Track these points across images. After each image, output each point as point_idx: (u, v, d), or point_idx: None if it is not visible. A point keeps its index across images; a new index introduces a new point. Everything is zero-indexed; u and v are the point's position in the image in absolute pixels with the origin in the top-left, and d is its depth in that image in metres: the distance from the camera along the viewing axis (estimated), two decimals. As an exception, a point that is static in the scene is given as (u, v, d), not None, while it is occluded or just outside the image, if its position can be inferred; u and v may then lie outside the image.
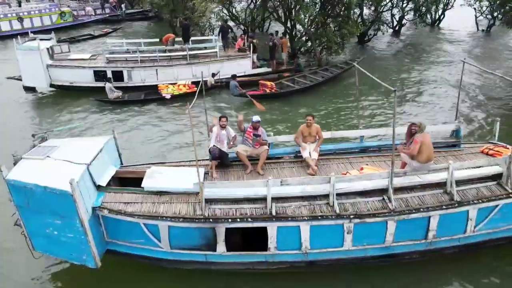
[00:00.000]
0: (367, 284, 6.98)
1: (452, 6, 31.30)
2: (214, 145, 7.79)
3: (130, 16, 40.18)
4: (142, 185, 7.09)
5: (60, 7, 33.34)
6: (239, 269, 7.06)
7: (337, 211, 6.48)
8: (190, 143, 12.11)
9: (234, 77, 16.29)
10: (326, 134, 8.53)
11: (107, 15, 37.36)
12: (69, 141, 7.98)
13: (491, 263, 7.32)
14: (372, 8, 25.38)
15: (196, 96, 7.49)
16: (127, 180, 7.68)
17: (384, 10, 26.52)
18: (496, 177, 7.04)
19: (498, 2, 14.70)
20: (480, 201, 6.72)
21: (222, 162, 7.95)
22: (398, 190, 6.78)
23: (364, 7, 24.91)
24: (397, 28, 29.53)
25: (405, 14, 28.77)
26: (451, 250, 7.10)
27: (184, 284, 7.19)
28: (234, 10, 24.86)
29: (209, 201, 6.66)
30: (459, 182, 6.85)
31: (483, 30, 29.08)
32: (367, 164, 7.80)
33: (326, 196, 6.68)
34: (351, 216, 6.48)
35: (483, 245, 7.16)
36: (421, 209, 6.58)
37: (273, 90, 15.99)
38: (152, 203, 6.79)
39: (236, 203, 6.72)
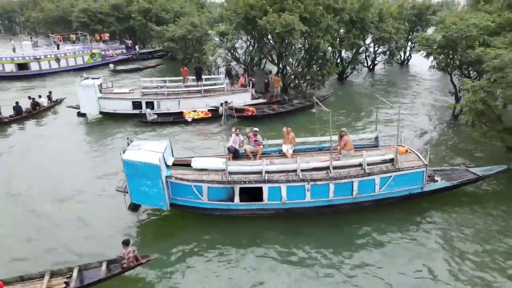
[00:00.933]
0: (320, 223, 12.12)
1: (417, 48, 37.67)
2: (231, 145, 13.19)
3: (143, 56, 46.30)
4: (191, 165, 12.44)
5: (92, 49, 39.51)
6: (246, 214, 12.25)
7: (301, 177, 11.81)
8: (208, 148, 17.54)
9: (226, 103, 21.84)
10: (299, 140, 13.97)
11: (130, 55, 43.39)
12: (145, 142, 13.37)
13: (392, 212, 12.53)
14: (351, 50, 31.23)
15: (223, 119, 12.99)
16: (176, 166, 12.96)
17: (359, 52, 32.53)
18: (391, 161, 12.43)
19: (424, 54, 20.33)
20: (381, 173, 12.08)
21: (235, 155, 13.31)
22: (335, 167, 12.13)
23: (342, 50, 30.91)
24: (371, 67, 35.74)
25: (377, 56, 35.07)
26: (367, 203, 12.36)
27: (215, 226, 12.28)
28: (236, 53, 30.82)
29: (230, 173, 11.97)
30: (370, 164, 12.22)
31: (441, 69, 35.23)
32: (321, 155, 13.19)
33: (295, 170, 12.02)
34: (309, 180, 11.80)
35: (385, 200, 12.44)
36: (347, 177, 11.92)
37: (253, 114, 21.67)
38: (198, 174, 12.12)
39: (245, 174, 12.04)
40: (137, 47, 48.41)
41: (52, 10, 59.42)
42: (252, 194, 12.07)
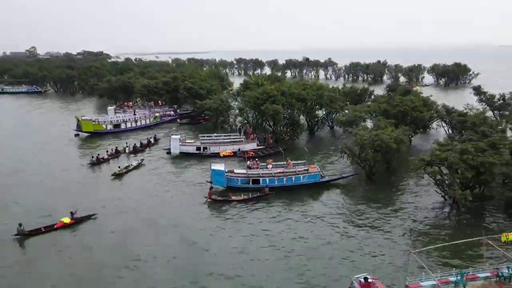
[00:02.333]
0: (282, 195, 33.14)
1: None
2: (248, 165, 34.75)
3: (182, 115, 68.67)
4: (234, 171, 33.99)
5: (154, 113, 62.43)
6: (253, 189, 33.46)
7: (273, 175, 33.23)
8: (238, 166, 39.01)
9: (239, 150, 43.50)
10: (274, 163, 35.44)
11: (176, 116, 66.00)
12: (216, 163, 34.95)
13: (313, 191, 33.55)
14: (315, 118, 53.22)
15: (246, 158, 34.81)
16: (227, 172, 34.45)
17: (320, 119, 54.41)
18: (307, 170, 33.79)
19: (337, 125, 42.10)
20: (302, 174, 33.42)
21: (250, 168, 34.80)
22: (286, 172, 33.49)
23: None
24: (331, 127, 57.70)
25: (334, 121, 57.07)
26: (298, 186, 33.53)
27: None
28: (248, 119, 52.95)
29: (248, 174, 33.38)
30: (299, 171, 33.58)
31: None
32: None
33: (271, 173, 33.46)
34: (276, 176, 33.19)
35: (305, 185, 33.58)
36: (290, 175, 33.28)
37: (251, 155, 43.14)
38: (236, 174, 33.63)
39: (253, 174, 33.49)
40: (178, 110, 71.19)
41: (115, 82, 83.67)
42: (255, 181, 33.36)
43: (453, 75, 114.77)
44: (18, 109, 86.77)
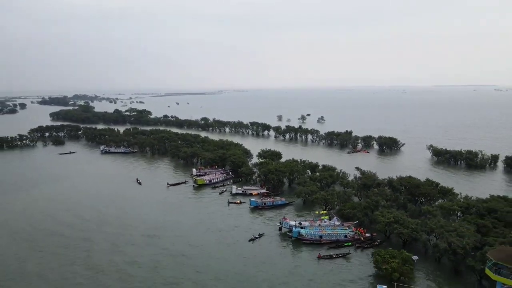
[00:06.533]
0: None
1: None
2: (262, 198, 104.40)
3: (231, 175, 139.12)
4: (258, 200, 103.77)
5: (223, 174, 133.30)
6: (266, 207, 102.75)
7: (269, 201, 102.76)
8: (258, 199, 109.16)
9: (259, 192, 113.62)
10: (274, 198, 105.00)
11: (229, 176, 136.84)
12: (252, 198, 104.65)
13: (282, 207, 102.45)
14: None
15: (262, 196, 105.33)
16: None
17: (293, 178, 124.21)
18: (280, 198, 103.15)
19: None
20: (279, 200, 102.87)
21: (264, 199, 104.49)
22: (274, 200, 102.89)
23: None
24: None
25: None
26: (278, 205, 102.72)
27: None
28: (262, 179, 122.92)
29: (262, 201, 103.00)
30: (277, 199, 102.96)
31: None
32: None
33: (269, 201, 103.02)
34: (270, 201, 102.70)
35: (280, 205, 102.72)
36: (275, 201, 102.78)
37: (266, 194, 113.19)
38: (258, 202, 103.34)
39: (264, 201, 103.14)
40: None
41: (189, 152, 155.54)
42: (265, 203, 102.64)
43: (386, 145, 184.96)
44: (134, 166, 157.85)
